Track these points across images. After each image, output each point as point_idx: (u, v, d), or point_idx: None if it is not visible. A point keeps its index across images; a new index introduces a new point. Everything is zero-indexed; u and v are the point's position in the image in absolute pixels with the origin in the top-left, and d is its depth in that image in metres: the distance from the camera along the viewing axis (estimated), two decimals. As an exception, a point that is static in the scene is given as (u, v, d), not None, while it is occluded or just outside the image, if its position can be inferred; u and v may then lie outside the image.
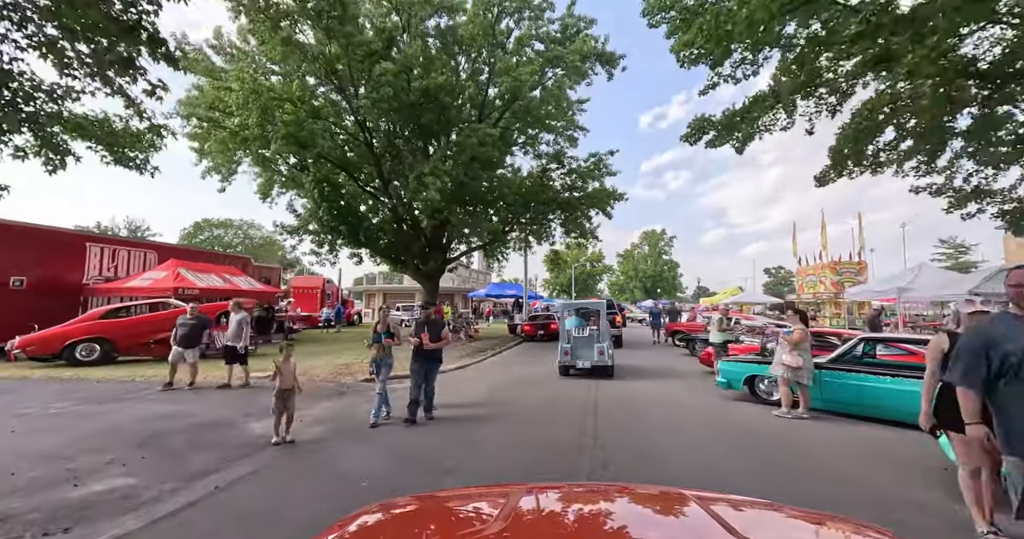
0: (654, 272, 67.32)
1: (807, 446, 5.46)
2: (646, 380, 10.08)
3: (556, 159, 20.78)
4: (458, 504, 1.55)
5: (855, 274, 29.84)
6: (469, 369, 12.33)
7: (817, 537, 1.27)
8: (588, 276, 70.56)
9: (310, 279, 27.20)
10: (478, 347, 16.88)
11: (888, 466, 4.83)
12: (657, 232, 70.11)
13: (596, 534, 1.23)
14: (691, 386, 9.40)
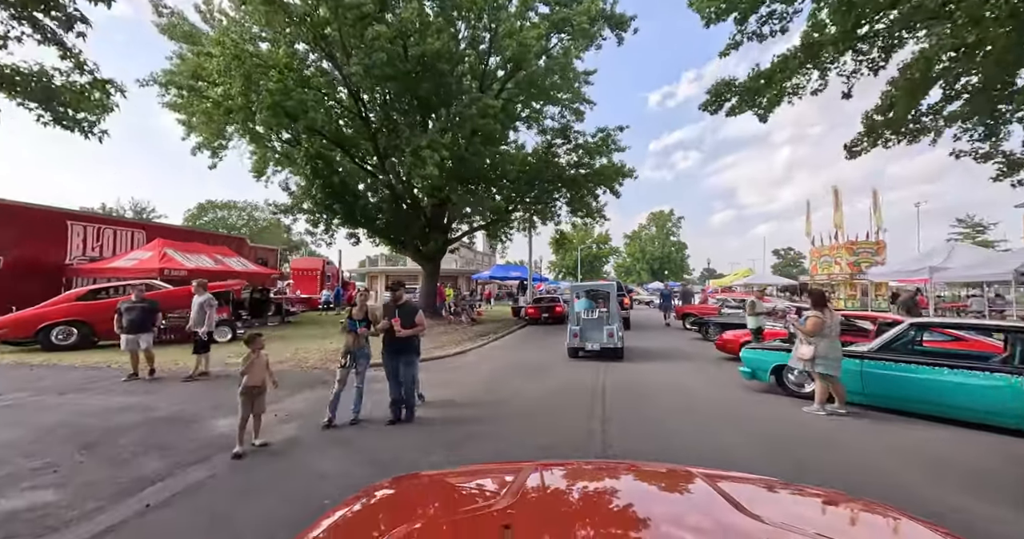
0: (661, 254, 66.09)
1: (851, 449, 4.66)
2: (658, 366, 9.30)
3: (562, 134, 19.62)
4: (467, 480, 1.57)
5: (872, 254, 28.65)
6: (470, 354, 11.61)
7: (822, 513, 1.31)
8: (594, 258, 69.46)
9: (310, 261, 26.50)
10: (480, 331, 16.16)
11: (953, 475, 4.02)
12: (665, 213, 68.59)
13: (603, 510, 1.25)
14: (708, 375, 8.60)
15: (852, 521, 1.29)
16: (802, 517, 1.24)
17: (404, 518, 1.18)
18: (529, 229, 24.51)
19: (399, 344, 5.45)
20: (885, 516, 1.26)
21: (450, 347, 12.20)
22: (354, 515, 1.27)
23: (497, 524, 1.06)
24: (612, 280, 34.63)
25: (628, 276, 66.21)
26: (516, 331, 17.36)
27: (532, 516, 1.17)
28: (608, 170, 19.03)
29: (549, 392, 7.27)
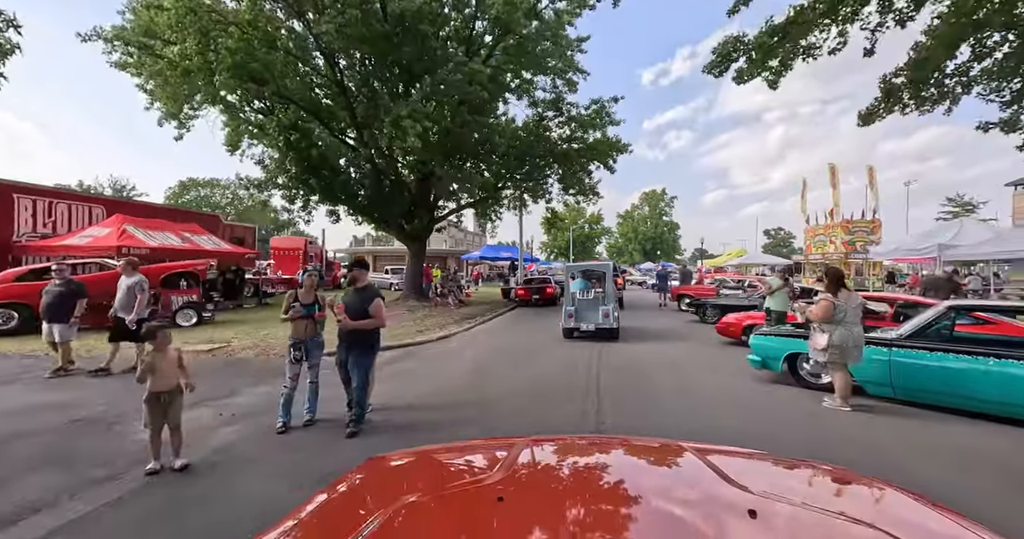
0: (654, 234, 65.39)
1: (880, 449, 3.95)
2: (654, 348, 8.60)
3: (554, 106, 18.43)
4: (461, 455, 1.59)
5: (868, 233, 28.11)
6: (454, 339, 10.82)
7: (809, 485, 1.32)
8: (586, 238, 68.67)
9: (291, 240, 25.33)
10: (467, 313, 15.37)
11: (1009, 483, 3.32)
12: (658, 192, 67.61)
13: (594, 482, 1.29)
14: (710, 362, 7.89)
15: (838, 492, 1.30)
16: (789, 488, 1.25)
17: (399, 493, 1.16)
18: (520, 208, 23.52)
19: (351, 337, 4.50)
20: (872, 487, 1.26)
21: (434, 331, 11.39)
22: (349, 490, 1.28)
23: (491, 497, 1.07)
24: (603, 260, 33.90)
25: (620, 256, 65.61)
26: (505, 313, 16.60)
27: (525, 489, 1.19)
28: (602, 144, 17.99)
29: (537, 383, 6.50)
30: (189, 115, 15.34)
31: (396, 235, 18.91)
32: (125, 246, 11.69)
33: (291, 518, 1.10)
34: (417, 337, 10.46)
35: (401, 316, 13.99)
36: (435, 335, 10.85)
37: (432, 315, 14.47)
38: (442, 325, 12.39)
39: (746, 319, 8.98)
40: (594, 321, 9.93)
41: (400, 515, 1.01)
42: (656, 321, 13.61)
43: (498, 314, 15.84)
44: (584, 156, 18.56)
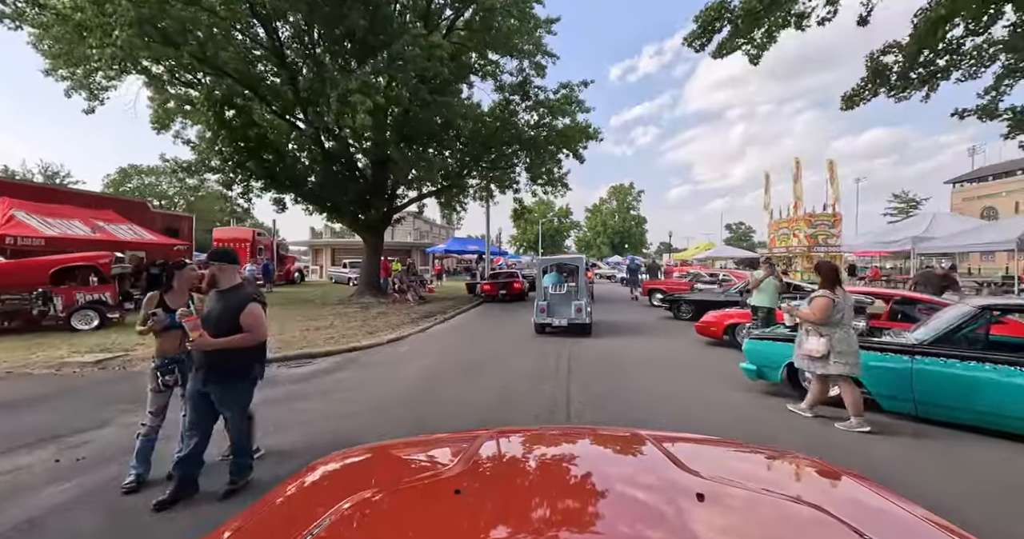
0: (622, 228, 65.47)
1: (936, 487, 3.05)
2: (630, 349, 7.66)
3: (521, 89, 17.22)
4: (422, 450, 1.58)
5: (830, 227, 28.47)
6: (406, 341, 9.55)
7: (762, 469, 1.37)
8: (555, 232, 68.14)
9: (236, 230, 23.12)
10: (427, 311, 14.09)
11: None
12: (625, 186, 67.64)
13: (551, 471, 1.30)
14: (694, 366, 6.99)
15: (788, 475, 1.33)
16: (739, 472, 1.24)
17: (356, 488, 1.13)
18: (487, 198, 22.29)
19: (207, 360, 3.08)
20: (819, 471, 1.29)
21: (385, 332, 10.09)
22: (304, 488, 1.25)
23: (448, 490, 1.07)
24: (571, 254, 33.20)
25: (589, 250, 65.37)
26: (469, 310, 15.41)
27: (483, 481, 1.19)
28: (572, 130, 16.98)
29: (498, 399, 5.38)
30: (100, 85, 13.23)
31: (350, 226, 17.34)
32: (12, 235, 9.78)
33: (240, 519, 1.08)
34: (364, 340, 9.14)
35: (352, 315, 12.57)
36: (386, 337, 9.56)
37: (387, 313, 13.12)
38: (395, 325, 11.08)
39: (727, 318, 8.15)
40: (567, 316, 9.65)
41: (353, 511, 0.99)
42: (628, 316, 12.76)
43: (461, 311, 14.63)
44: (553, 143, 17.50)
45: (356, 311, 13.43)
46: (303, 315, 12.30)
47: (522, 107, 17.41)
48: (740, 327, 7.93)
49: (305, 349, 8.15)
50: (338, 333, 9.72)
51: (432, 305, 15.52)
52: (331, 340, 9.02)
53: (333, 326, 10.63)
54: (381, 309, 14.00)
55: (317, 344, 8.65)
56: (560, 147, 17.63)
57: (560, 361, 7.37)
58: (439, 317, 12.82)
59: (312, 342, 8.80)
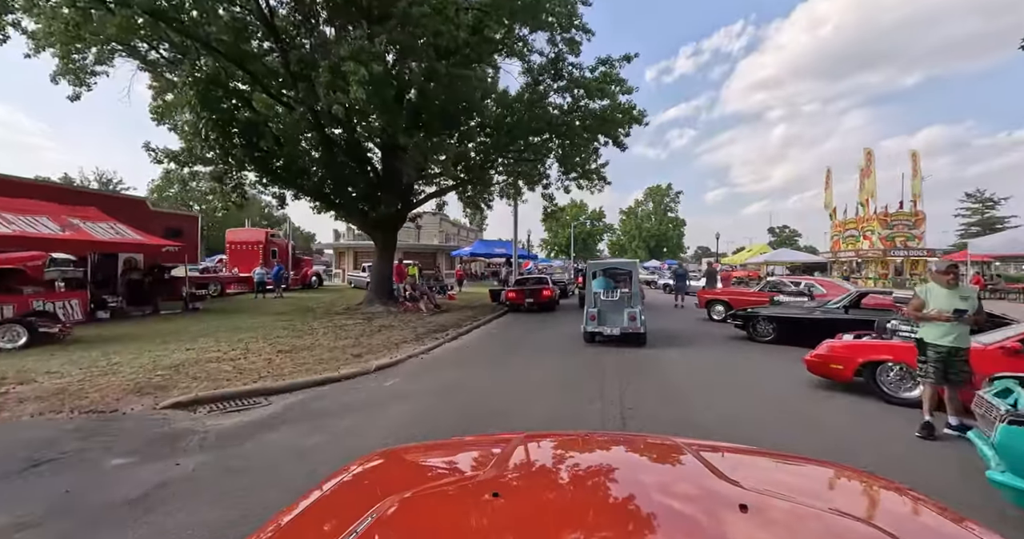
0: (658, 231, 61.67)
1: None
2: (713, 393, 5.08)
3: (552, 68, 14.79)
4: (456, 452, 1.57)
5: (910, 227, 24.50)
6: (399, 370, 7.24)
7: (804, 480, 1.29)
8: (588, 235, 65.14)
9: (249, 232, 21.74)
10: (442, 322, 11.83)
11: None
12: (662, 187, 63.80)
13: (588, 477, 1.25)
14: (839, 444, 4.33)
15: (833, 487, 1.26)
16: (782, 483, 1.20)
17: (392, 489, 1.12)
18: (514, 196, 19.97)
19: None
20: (868, 483, 1.24)
21: (376, 354, 7.85)
22: (340, 488, 1.24)
23: (485, 493, 1.05)
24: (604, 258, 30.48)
25: (623, 254, 61.93)
26: (490, 321, 13.05)
27: (519, 485, 1.17)
28: (610, 114, 14.38)
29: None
30: (84, 67, 11.74)
31: (359, 225, 15.40)
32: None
33: (284, 515, 1.08)
34: (344, 367, 6.92)
35: (349, 329, 10.45)
36: (375, 362, 7.31)
37: (391, 326, 10.93)
38: (394, 344, 8.84)
39: (864, 351, 5.37)
40: (619, 324, 8.85)
41: (393, 511, 0.97)
42: (682, 329, 10.07)
43: (480, 323, 12.28)
44: (589, 130, 14.98)
45: (357, 323, 11.32)
46: (290, 329, 10.26)
47: (553, 88, 14.97)
48: (884, 367, 5.17)
49: (259, 383, 5.99)
50: (316, 356, 7.55)
51: (448, 315, 13.26)
52: (302, 367, 6.84)
53: (317, 345, 8.49)
54: (387, 320, 11.84)
55: (281, 374, 6.48)
56: (597, 133, 15.09)
57: (614, 407, 4.88)
58: (451, 332, 10.51)
59: (276, 370, 6.64)
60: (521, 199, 21.09)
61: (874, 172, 25.54)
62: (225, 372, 6.36)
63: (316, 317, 12.35)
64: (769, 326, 8.95)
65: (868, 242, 25.07)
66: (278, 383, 6.04)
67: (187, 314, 12.71)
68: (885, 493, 1.18)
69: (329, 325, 10.90)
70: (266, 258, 20.33)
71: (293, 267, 22.42)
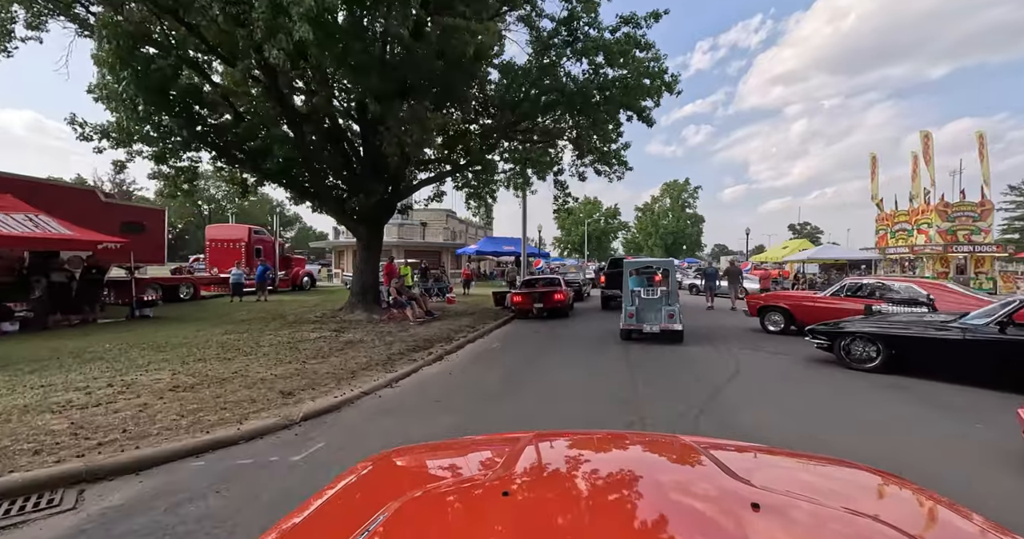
0: (676, 227, 58.41)
1: None
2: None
3: (565, 28, 12.19)
4: (466, 451, 1.55)
5: (975, 219, 21.24)
6: (340, 420, 4.74)
7: (817, 478, 1.26)
8: (602, 233, 62.24)
9: (231, 228, 19.54)
10: (430, 334, 9.39)
11: None
12: (680, 183, 60.47)
13: (598, 477, 1.22)
14: None
15: (846, 485, 1.22)
16: (793, 481, 1.21)
17: (403, 487, 1.14)
18: (522, 187, 17.45)
19: None
20: (881, 481, 1.21)
21: (315, 391, 5.40)
22: (350, 487, 1.22)
23: (496, 492, 1.05)
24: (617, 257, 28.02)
25: (638, 252, 58.87)
26: (491, 332, 10.57)
27: (530, 483, 1.15)
28: (635, 80, 11.74)
29: None
30: (8, 31, 9.62)
31: (336, 216, 13.01)
32: None
33: (296, 514, 1.06)
34: (257, 415, 4.50)
35: (306, 344, 8.08)
36: (307, 405, 4.87)
37: (363, 341, 8.53)
38: (351, 370, 6.40)
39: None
40: (658, 322, 8.91)
41: (404, 510, 0.97)
42: (738, 341, 7.48)
43: (476, 336, 9.80)
44: (610, 101, 12.36)
45: (321, 337, 8.94)
46: (229, 347, 7.91)
47: (567, 54, 12.37)
48: None
49: (84, 459, 3.58)
50: (226, 395, 5.13)
51: (439, 325, 10.81)
52: (189, 418, 4.43)
53: (242, 373, 6.09)
54: (360, 333, 9.44)
55: (145, 432, 4.08)
56: (620, 106, 12.46)
57: None
58: (436, 349, 8.05)
59: (142, 426, 4.24)
60: (530, 190, 18.55)
61: (933, 158, 22.25)
62: (47, 434, 3.98)
63: (278, 328, 10.01)
64: (871, 348, 6.27)
65: (924, 236, 21.84)
66: (117, 457, 3.62)
67: (130, 323, 10.53)
68: (900, 492, 1.15)
69: (284, 340, 8.53)
70: (249, 257, 18.17)
71: (282, 267, 20.27)
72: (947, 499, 1.06)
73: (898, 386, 5.67)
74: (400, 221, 30.82)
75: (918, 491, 1.12)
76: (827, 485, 1.20)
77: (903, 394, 5.41)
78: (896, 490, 1.16)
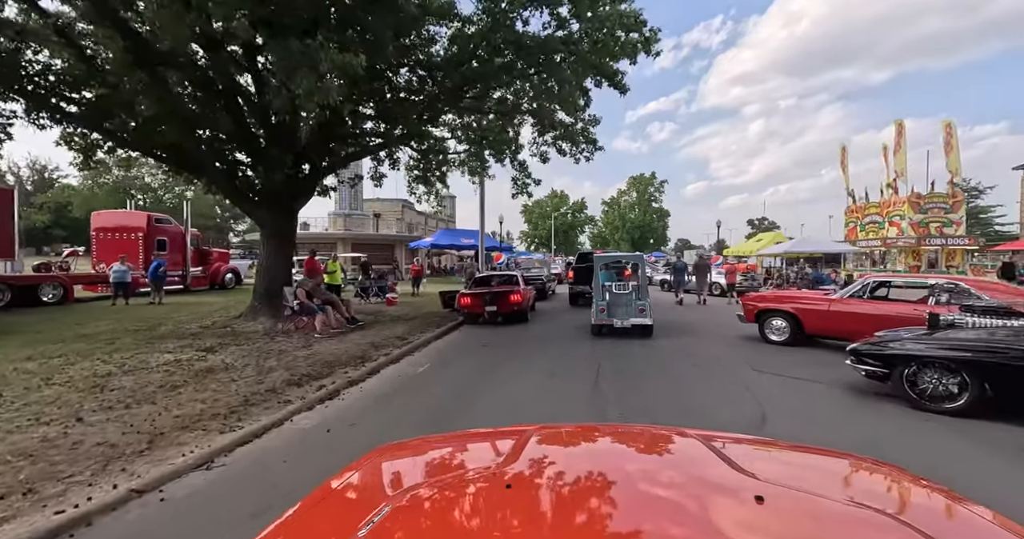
0: (642, 221, 57.42)
1: None
2: None
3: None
4: (469, 443, 1.54)
5: (946, 211, 20.46)
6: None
7: (819, 471, 1.24)
8: (569, 228, 60.62)
9: (122, 216, 15.85)
10: (335, 352, 6.84)
11: None
12: (646, 177, 59.45)
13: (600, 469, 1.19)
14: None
15: (849, 477, 1.21)
16: (797, 474, 1.20)
17: (408, 480, 1.16)
18: (480, 172, 15.00)
19: None
20: (885, 474, 1.19)
21: (51, 485, 2.81)
22: (358, 478, 1.21)
23: (499, 484, 1.04)
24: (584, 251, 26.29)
25: (605, 247, 57.59)
26: (427, 344, 8.11)
27: (533, 476, 1.13)
28: (611, 31, 9.50)
29: None
30: None
31: (230, 196, 10.07)
32: None
33: (301, 507, 1.05)
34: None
35: (135, 376, 5.36)
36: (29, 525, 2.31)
37: (233, 366, 5.89)
38: (148, 436, 3.80)
39: None
40: (629, 317, 8.55)
41: (408, 502, 0.97)
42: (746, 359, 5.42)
43: (404, 351, 7.32)
44: (576, 60, 10.05)
45: (177, 361, 6.21)
46: (4, 382, 5.14)
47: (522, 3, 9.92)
48: None
49: None
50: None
51: (360, 336, 8.25)
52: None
53: None
54: (240, 353, 6.76)
55: None
56: (588, 68, 10.18)
57: None
58: (337, 377, 5.55)
59: None
60: (488, 175, 16.14)
61: (905, 148, 21.30)
62: None
63: (127, 346, 7.17)
64: (951, 380, 4.25)
65: (896, 229, 20.91)
66: None
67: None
68: (904, 485, 1.14)
69: (107, 370, 5.76)
70: (148, 250, 14.87)
71: (197, 262, 16.95)
72: (952, 491, 1.04)
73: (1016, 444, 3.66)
74: (348, 211, 27.74)
75: (922, 484, 1.10)
76: (831, 478, 1.18)
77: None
78: (900, 483, 1.14)
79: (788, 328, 7.52)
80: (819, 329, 7.17)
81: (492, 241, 24.19)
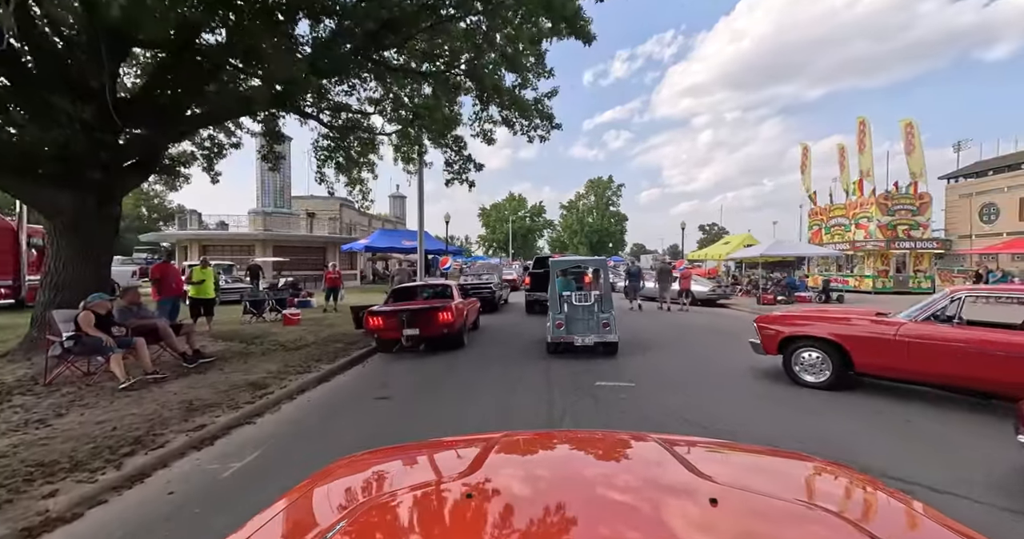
0: (600, 225, 56.12)
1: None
2: None
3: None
4: (432, 452, 1.49)
5: (913, 213, 19.52)
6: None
7: (770, 472, 1.26)
8: (528, 231, 58.48)
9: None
10: (117, 426, 3.69)
11: None
12: (604, 180, 58.32)
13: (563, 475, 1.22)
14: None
15: (805, 480, 1.21)
16: (755, 477, 1.20)
17: (368, 492, 1.13)
18: (419, 154, 12.16)
19: None
20: (842, 477, 1.20)
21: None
22: (316, 492, 1.15)
23: (460, 493, 1.02)
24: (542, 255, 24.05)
25: (565, 251, 55.82)
26: (292, 398, 5.00)
27: (494, 484, 1.10)
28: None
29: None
30: None
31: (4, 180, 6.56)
32: None
33: (253, 524, 0.99)
34: None
35: None
36: None
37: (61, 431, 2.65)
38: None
39: None
40: (592, 332, 7.28)
41: (366, 515, 0.94)
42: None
43: (251, 411, 4.25)
44: (524, 3, 7.38)
45: None
46: None
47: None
48: None
49: None
50: None
51: (200, 379, 5.08)
52: None
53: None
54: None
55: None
56: (539, 8, 7.52)
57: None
58: (59, 501, 2.42)
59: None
60: (426, 164, 13.25)
61: (870, 146, 20.27)
62: None
63: None
64: None
65: (864, 231, 19.77)
66: None
67: None
68: (857, 486, 1.16)
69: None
70: (16, 255, 10.77)
71: (34, 270, 12.82)
72: (892, 489, 1.08)
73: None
74: (270, 209, 23.84)
75: (868, 482, 1.14)
76: (785, 479, 1.20)
77: None
78: (848, 482, 1.17)
79: (829, 363, 5.08)
80: (879, 367, 4.77)
81: (437, 243, 21.15)
